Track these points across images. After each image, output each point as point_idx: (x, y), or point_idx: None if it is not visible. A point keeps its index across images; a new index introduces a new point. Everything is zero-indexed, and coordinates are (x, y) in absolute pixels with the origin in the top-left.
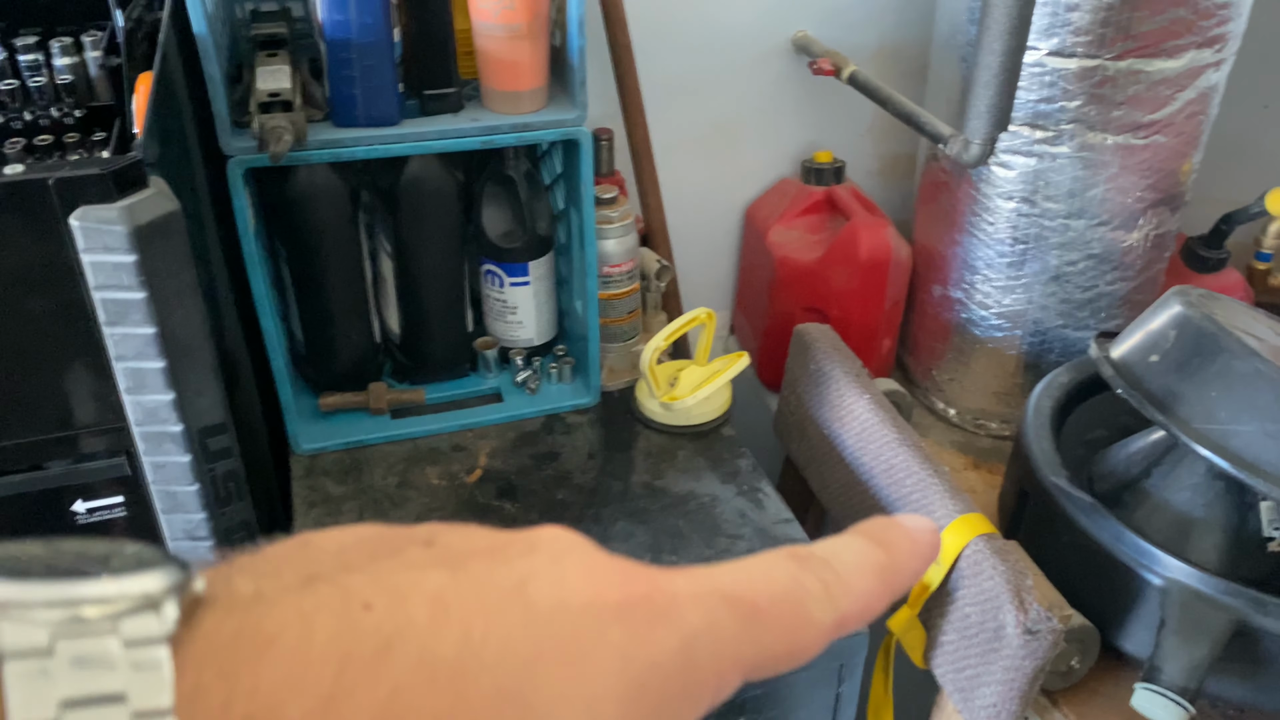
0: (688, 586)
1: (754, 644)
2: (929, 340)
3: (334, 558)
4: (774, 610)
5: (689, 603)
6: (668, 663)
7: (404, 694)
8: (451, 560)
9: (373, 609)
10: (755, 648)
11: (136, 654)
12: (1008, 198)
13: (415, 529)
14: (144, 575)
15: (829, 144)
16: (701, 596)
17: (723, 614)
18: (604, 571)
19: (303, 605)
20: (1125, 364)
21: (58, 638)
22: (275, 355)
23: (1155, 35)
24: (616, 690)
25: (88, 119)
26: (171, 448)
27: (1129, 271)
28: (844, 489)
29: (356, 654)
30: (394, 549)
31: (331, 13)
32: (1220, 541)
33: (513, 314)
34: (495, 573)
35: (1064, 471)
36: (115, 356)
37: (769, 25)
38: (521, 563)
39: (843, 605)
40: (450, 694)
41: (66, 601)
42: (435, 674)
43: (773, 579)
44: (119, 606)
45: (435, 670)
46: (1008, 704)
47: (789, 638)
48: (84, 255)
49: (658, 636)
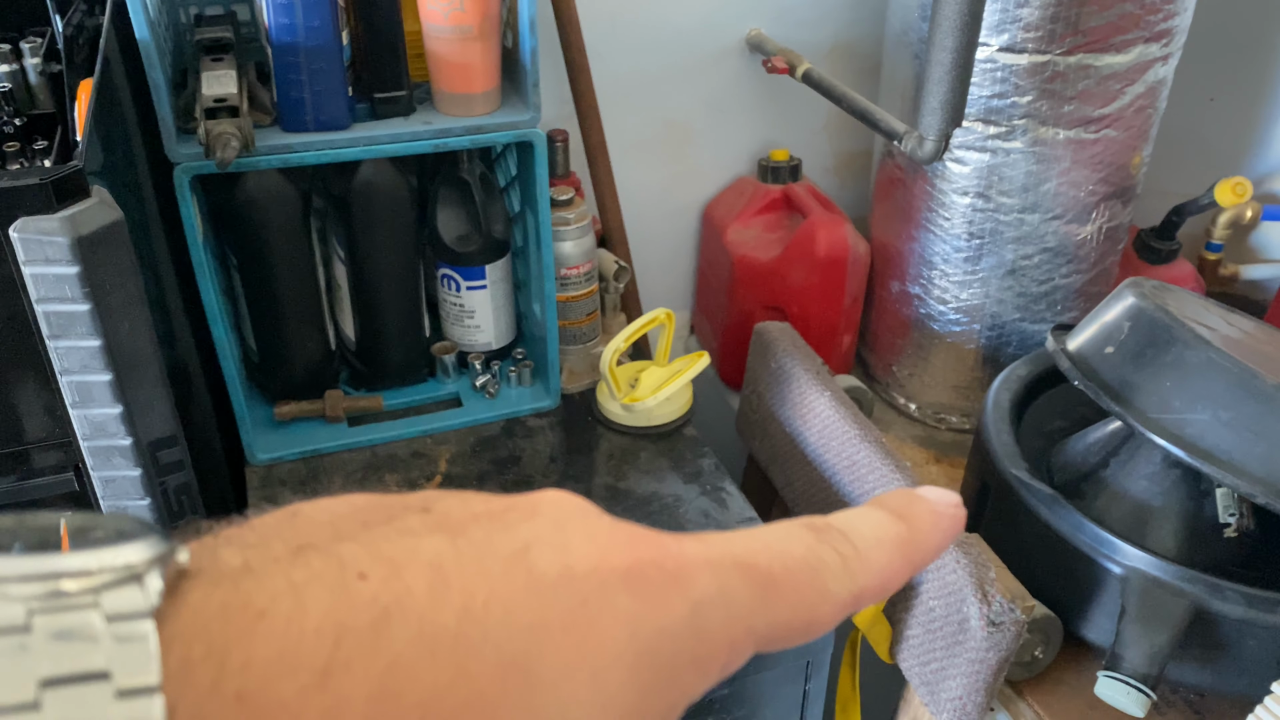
0: (699, 551)
1: (767, 614)
2: (888, 336)
3: (326, 527)
4: (789, 580)
5: (700, 568)
6: (677, 630)
7: (403, 667)
8: (450, 526)
9: (368, 579)
10: (768, 618)
11: (120, 628)
12: (963, 193)
13: (410, 496)
14: (125, 547)
15: (785, 142)
16: (714, 562)
17: (735, 581)
18: (610, 536)
19: (294, 576)
20: (1082, 356)
21: (35, 613)
22: (228, 364)
23: (1103, 30)
24: (624, 659)
25: (28, 127)
26: (121, 462)
27: (1083, 264)
28: (807, 486)
29: (352, 626)
30: (389, 516)
31: (278, 16)
32: (1177, 529)
33: (470, 318)
34: (496, 539)
35: (1024, 463)
36: (60, 370)
37: (722, 24)
38: (524, 528)
39: (860, 579)
40: (451, 666)
41: (44, 575)
42: (435, 645)
43: (788, 549)
44: (100, 579)
45: (435, 642)
46: (973, 695)
47: (804, 610)
48: (25, 267)
49: (667, 602)
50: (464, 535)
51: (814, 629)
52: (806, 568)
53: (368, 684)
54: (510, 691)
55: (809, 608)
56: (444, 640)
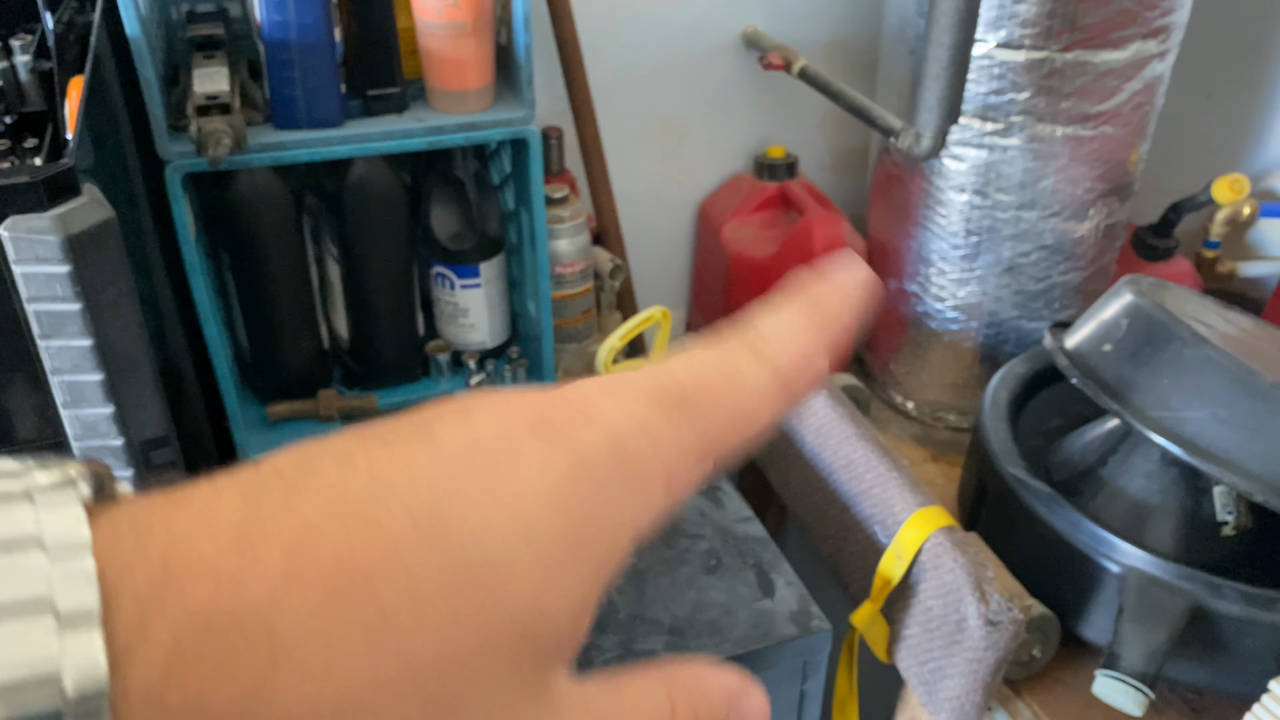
0: (602, 389)
1: (693, 426)
2: (885, 334)
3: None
4: (701, 389)
5: (606, 403)
6: (595, 457)
7: (314, 529)
8: (360, 433)
9: (282, 473)
10: (696, 429)
11: (49, 504)
12: (960, 190)
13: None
14: (58, 467)
15: (781, 139)
16: (619, 394)
17: (645, 407)
18: (513, 405)
19: (215, 480)
20: (1079, 354)
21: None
22: (220, 364)
23: (1101, 27)
24: (540, 492)
25: (18, 125)
26: (113, 462)
27: (1081, 262)
28: (804, 485)
29: (265, 495)
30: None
31: (270, 13)
32: (1175, 527)
33: (464, 317)
34: (399, 425)
35: (1021, 462)
36: (51, 370)
37: (718, 20)
38: (427, 414)
39: (774, 359)
40: (360, 522)
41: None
42: (345, 509)
43: (692, 362)
44: (31, 479)
45: (345, 505)
46: (971, 695)
47: (728, 409)
48: (15, 266)
49: (577, 436)
50: (371, 431)
51: (752, 420)
52: (714, 370)
53: (281, 543)
54: (424, 541)
55: (733, 403)
56: (353, 504)
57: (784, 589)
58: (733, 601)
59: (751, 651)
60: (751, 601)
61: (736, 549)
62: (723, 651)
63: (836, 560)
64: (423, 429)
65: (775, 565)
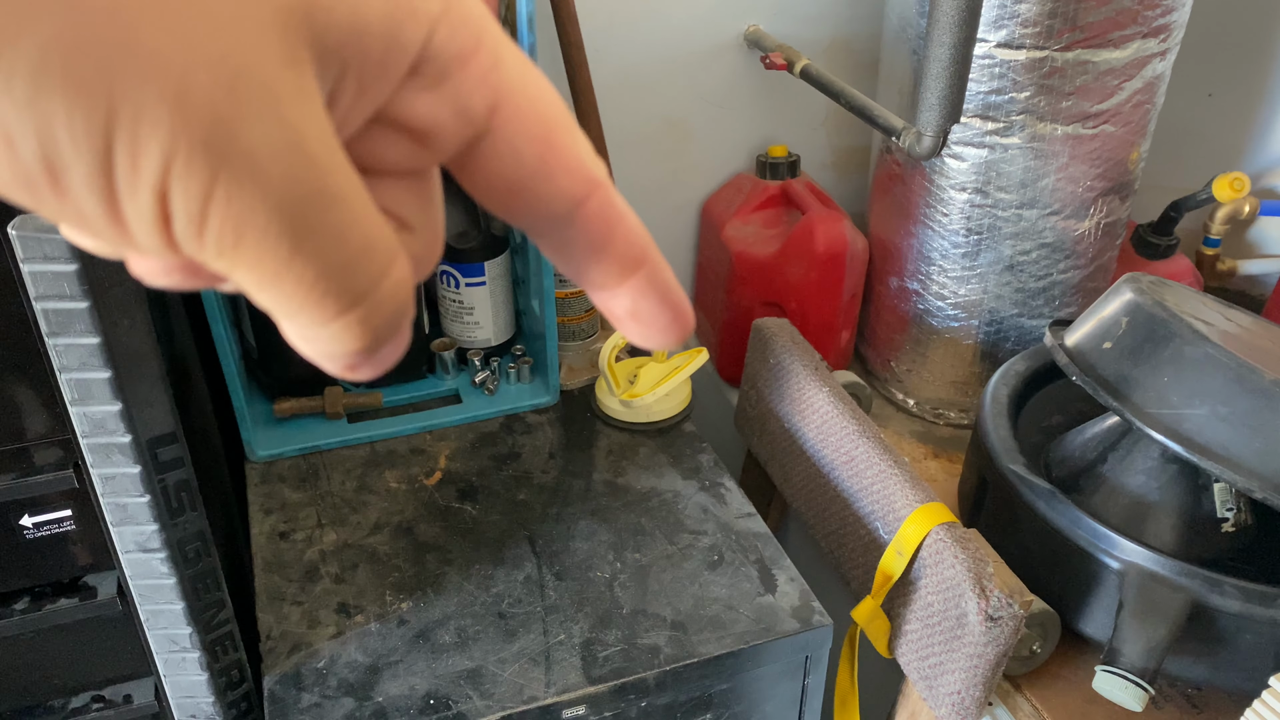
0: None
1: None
2: (887, 332)
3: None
4: None
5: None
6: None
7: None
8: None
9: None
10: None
11: None
12: (961, 189)
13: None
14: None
15: (783, 138)
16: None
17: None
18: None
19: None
20: (1079, 351)
21: None
22: (227, 361)
23: (1101, 26)
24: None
25: None
26: (120, 459)
27: (1081, 260)
28: (806, 482)
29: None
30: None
31: None
32: (1175, 524)
33: (469, 314)
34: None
35: (1022, 459)
36: (59, 367)
37: (720, 20)
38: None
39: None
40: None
41: None
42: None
43: None
44: None
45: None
46: (971, 690)
47: None
48: (23, 264)
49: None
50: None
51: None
52: None
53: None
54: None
55: None
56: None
57: (786, 584)
58: (735, 597)
59: (753, 646)
60: (753, 597)
61: (738, 545)
62: (725, 646)
63: (838, 556)
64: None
65: (777, 561)
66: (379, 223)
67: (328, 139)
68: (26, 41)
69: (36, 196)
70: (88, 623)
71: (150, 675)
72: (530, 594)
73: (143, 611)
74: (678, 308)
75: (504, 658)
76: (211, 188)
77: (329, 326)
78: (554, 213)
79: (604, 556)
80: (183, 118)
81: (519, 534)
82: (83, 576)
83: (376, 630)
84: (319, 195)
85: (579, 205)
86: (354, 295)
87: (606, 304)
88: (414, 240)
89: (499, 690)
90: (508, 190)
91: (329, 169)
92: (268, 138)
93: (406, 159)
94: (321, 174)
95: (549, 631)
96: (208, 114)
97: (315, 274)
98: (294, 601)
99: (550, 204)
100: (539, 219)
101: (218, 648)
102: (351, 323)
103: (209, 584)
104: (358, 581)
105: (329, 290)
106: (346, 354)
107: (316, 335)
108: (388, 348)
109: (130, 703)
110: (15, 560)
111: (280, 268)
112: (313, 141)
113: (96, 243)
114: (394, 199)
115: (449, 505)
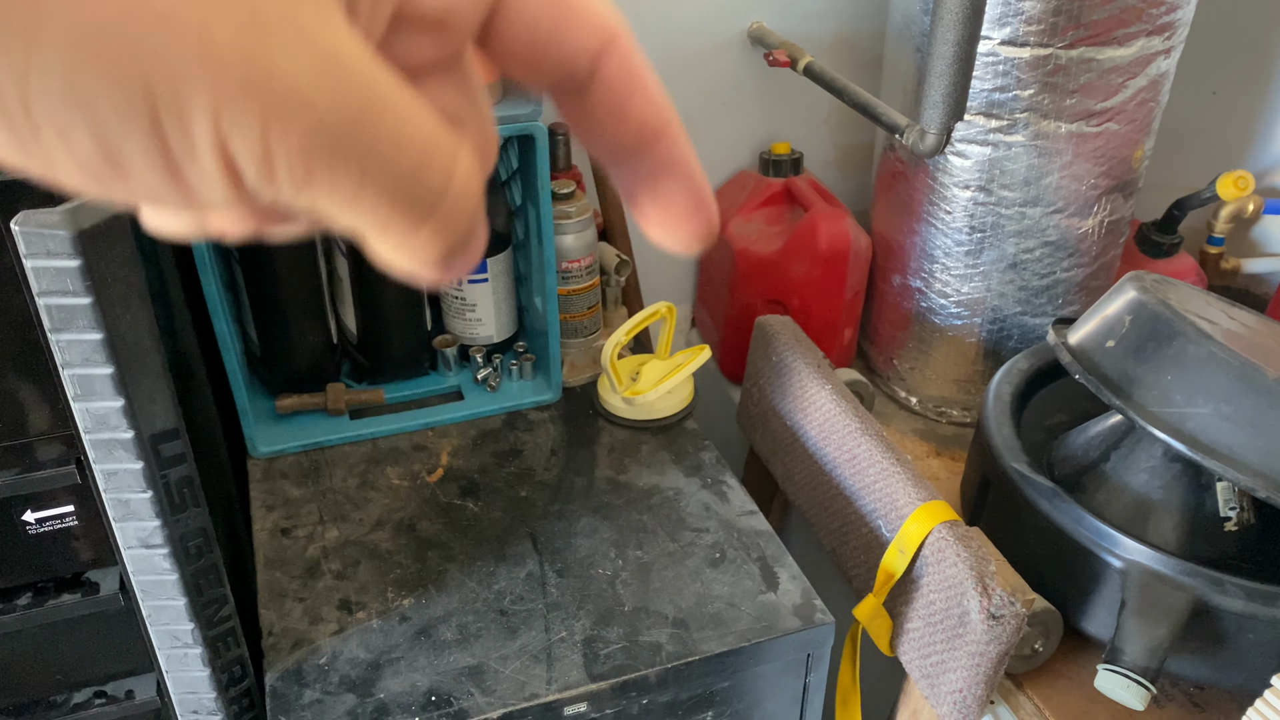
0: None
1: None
2: (889, 329)
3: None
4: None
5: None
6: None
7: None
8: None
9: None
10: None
11: None
12: (964, 186)
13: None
14: None
15: (786, 135)
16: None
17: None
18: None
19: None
20: (1082, 350)
21: None
22: (229, 357)
23: (1106, 23)
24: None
25: None
26: (123, 455)
27: (1085, 258)
28: (808, 479)
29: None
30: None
31: None
32: (1178, 522)
33: (472, 311)
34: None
35: (1024, 457)
36: (62, 363)
37: (723, 17)
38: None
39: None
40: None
41: None
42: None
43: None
44: None
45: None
46: (973, 688)
47: None
48: (26, 261)
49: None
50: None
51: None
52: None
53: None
54: None
55: None
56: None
57: (788, 582)
58: (737, 594)
59: (755, 644)
60: (755, 594)
61: (740, 542)
62: (726, 644)
63: (840, 554)
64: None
65: (779, 559)
66: (433, 121)
67: (359, 50)
68: (49, 37)
69: (105, 185)
70: (90, 618)
71: (152, 671)
72: (532, 591)
73: (145, 607)
74: (700, 193)
75: (505, 655)
76: (266, 129)
77: (418, 234)
78: (575, 71)
79: (606, 554)
80: (216, 69)
81: (521, 531)
82: (85, 572)
83: (378, 627)
84: (370, 107)
85: (598, 60)
86: (432, 198)
87: (631, 188)
88: (467, 133)
89: (500, 687)
90: (528, 54)
91: (371, 80)
92: (303, 65)
93: (434, 50)
94: (365, 86)
95: (551, 629)
96: (239, 58)
97: (392, 185)
98: (296, 598)
99: (570, 62)
100: (562, 80)
101: (220, 644)
102: (437, 225)
103: (211, 580)
104: (359, 578)
105: (409, 198)
106: (439, 257)
107: (409, 245)
108: (473, 243)
109: (132, 698)
110: (18, 556)
111: (356, 187)
112: (346, 56)
113: (178, 217)
114: (436, 95)
115: (451, 502)
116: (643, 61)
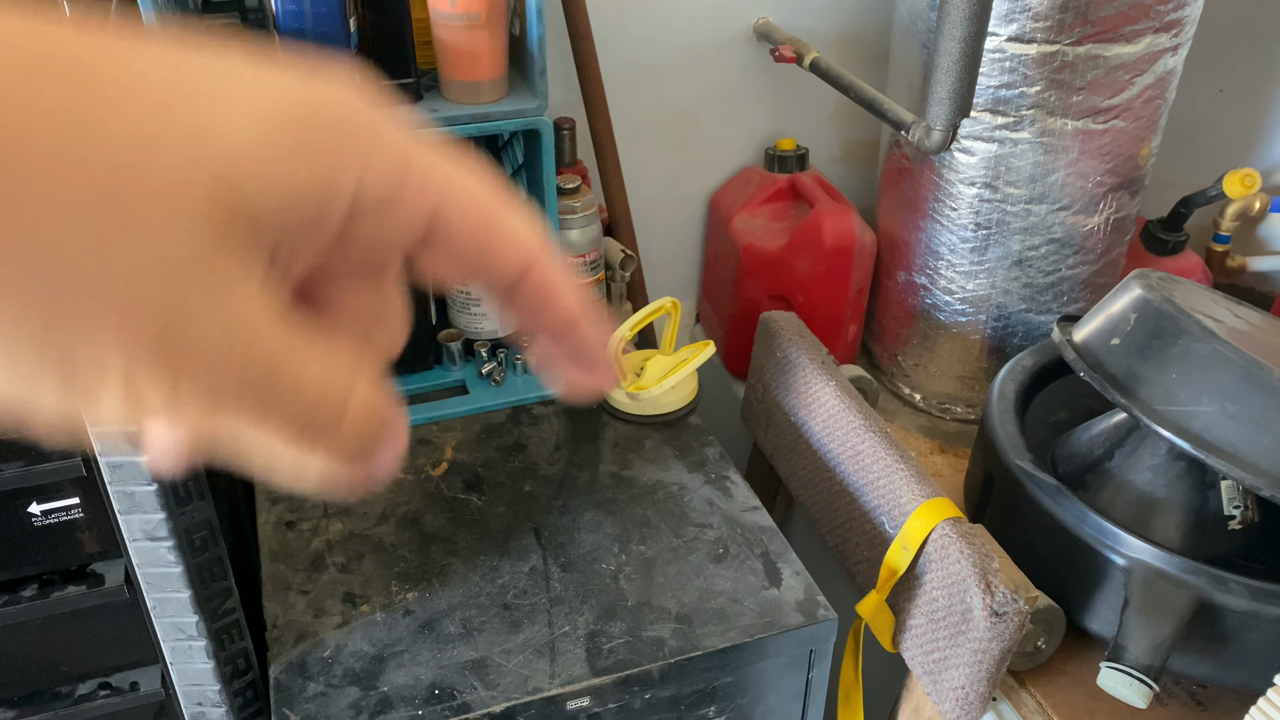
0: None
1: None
2: (894, 326)
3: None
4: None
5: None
6: (327, 103)
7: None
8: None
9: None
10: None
11: None
12: (970, 183)
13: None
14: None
15: (792, 131)
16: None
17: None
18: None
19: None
20: (1087, 347)
21: None
22: None
23: (1113, 20)
24: (284, 98)
25: None
26: (127, 446)
27: (1090, 255)
28: (811, 475)
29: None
30: None
31: (285, 3)
32: (1182, 521)
33: (476, 305)
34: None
35: (1028, 454)
36: None
37: (730, 12)
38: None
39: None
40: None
41: None
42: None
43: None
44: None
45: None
46: (975, 685)
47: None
48: None
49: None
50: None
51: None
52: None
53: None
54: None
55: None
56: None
57: (790, 578)
58: (739, 590)
59: (758, 640)
60: (758, 590)
61: (744, 538)
62: (729, 639)
63: (843, 550)
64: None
65: (782, 554)
66: (328, 368)
67: (267, 320)
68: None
69: (19, 398)
70: (95, 610)
71: (157, 663)
72: (535, 585)
73: (150, 599)
74: (598, 370)
75: (509, 649)
76: (175, 383)
77: (316, 450)
78: (500, 285)
79: (609, 549)
80: (133, 337)
81: (525, 525)
82: (90, 564)
83: (382, 620)
84: (271, 370)
85: (522, 276)
86: (329, 424)
87: (546, 356)
88: (382, 330)
89: (504, 681)
90: (457, 274)
91: (274, 348)
92: (215, 330)
93: (364, 267)
94: (269, 354)
95: (554, 623)
96: (156, 326)
97: (289, 418)
98: (300, 591)
99: (496, 280)
100: (490, 287)
101: (224, 636)
102: (333, 443)
103: (215, 572)
104: (364, 571)
105: (305, 427)
106: (345, 463)
107: (309, 458)
108: (382, 447)
109: (137, 690)
110: (24, 547)
111: (258, 421)
112: (255, 330)
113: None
114: (360, 297)
115: (455, 496)
116: (560, 273)
